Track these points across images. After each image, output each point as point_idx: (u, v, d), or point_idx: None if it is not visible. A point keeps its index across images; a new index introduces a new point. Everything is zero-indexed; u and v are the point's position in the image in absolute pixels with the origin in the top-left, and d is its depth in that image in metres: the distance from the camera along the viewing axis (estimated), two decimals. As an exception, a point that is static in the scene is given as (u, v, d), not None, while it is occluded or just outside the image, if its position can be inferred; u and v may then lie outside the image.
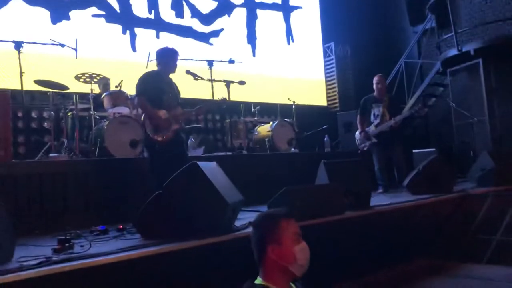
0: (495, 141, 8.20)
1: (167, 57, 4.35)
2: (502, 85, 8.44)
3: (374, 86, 6.10)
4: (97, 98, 5.65)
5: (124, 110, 5.57)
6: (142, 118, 4.26)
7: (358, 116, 6.19)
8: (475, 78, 8.65)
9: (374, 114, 6.04)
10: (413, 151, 7.26)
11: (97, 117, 5.56)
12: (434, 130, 10.05)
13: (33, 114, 6.16)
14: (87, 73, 5.79)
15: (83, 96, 5.69)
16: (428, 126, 10.18)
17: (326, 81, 9.91)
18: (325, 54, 9.94)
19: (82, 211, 4.16)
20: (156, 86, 4.22)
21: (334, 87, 9.79)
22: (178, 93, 4.46)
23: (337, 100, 9.69)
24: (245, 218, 3.50)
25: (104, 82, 5.92)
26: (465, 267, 4.17)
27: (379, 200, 4.78)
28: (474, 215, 4.85)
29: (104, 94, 5.62)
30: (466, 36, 9.07)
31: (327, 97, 9.88)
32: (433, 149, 7.35)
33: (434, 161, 5.40)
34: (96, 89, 5.83)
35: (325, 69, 9.93)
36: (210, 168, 3.27)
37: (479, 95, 8.54)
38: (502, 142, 8.14)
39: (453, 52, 8.68)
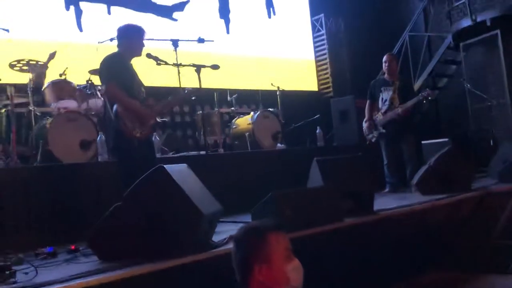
0: (518, 128, 8.34)
1: (132, 37, 4.33)
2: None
3: (383, 66, 6.19)
4: (37, 90, 5.58)
5: (71, 104, 5.52)
6: (114, 108, 4.05)
7: (367, 101, 6.30)
8: (493, 53, 8.77)
9: (382, 99, 6.13)
10: (423, 142, 7.36)
11: (38, 114, 5.49)
12: (446, 116, 10.17)
13: (-43, 112, 6.06)
14: (23, 60, 5.70)
15: (19, 88, 5.60)
16: (439, 112, 10.30)
17: (316, 62, 9.97)
18: (314, 29, 9.98)
19: (24, 229, 4.10)
20: (125, 71, 4.20)
21: (326, 68, 9.85)
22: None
23: (330, 84, 9.76)
24: (225, 231, 3.51)
25: (38, 71, 5.82)
26: (486, 279, 4.24)
27: (385, 202, 4.84)
28: (496, 217, 4.95)
29: (46, 85, 5.55)
30: (481, 3, 9.18)
31: (318, 80, 9.94)
32: (446, 139, 7.45)
33: (448, 154, 5.48)
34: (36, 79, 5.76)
35: (315, 47, 9.98)
36: (180, 172, 3.27)
37: (498, 73, 8.67)
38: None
39: (467, 22, 8.78)
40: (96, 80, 5.78)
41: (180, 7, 8.19)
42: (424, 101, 6.02)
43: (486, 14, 8.58)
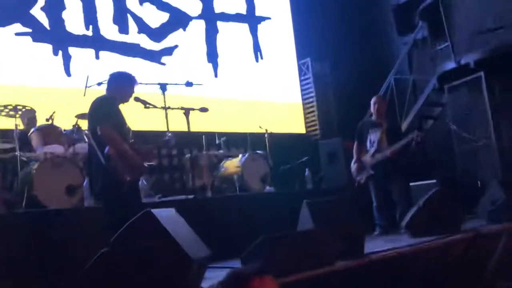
0: (505, 168, 8.39)
1: (123, 84, 4.36)
2: (509, 101, 8.68)
3: (372, 108, 6.26)
4: (23, 136, 5.54)
5: (58, 149, 5.47)
6: (106, 150, 4.00)
7: (355, 143, 6.33)
8: (478, 94, 8.89)
9: (370, 141, 6.16)
10: (411, 184, 7.37)
11: (24, 159, 5.43)
12: (432, 157, 10.23)
13: None
14: (10, 105, 5.68)
15: (5, 134, 5.57)
16: (426, 153, 10.36)
17: (304, 104, 10.05)
18: (301, 73, 10.11)
19: (8, 280, 4.00)
20: (116, 114, 4.20)
21: (313, 111, 9.92)
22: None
23: (317, 126, 9.82)
24: (214, 277, 3.43)
25: (28, 116, 5.82)
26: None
27: (375, 245, 4.79)
28: (487, 258, 4.92)
29: (32, 130, 5.52)
30: (464, 46, 9.36)
31: (306, 123, 9.99)
32: (434, 181, 7.47)
33: (436, 195, 5.47)
34: (21, 125, 5.73)
35: (302, 90, 10.08)
36: (168, 216, 3.23)
37: (483, 114, 8.77)
38: (513, 168, 8.33)
39: (451, 65, 8.92)
40: (84, 124, 5.78)
41: (168, 51, 8.29)
42: (413, 143, 6.04)
43: (470, 57, 8.72)
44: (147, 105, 4.68)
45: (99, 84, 5.18)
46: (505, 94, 8.73)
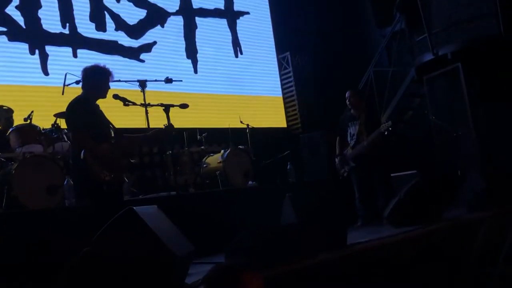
0: (484, 157, 8.49)
1: (98, 79, 4.33)
2: (487, 91, 8.78)
3: (348, 102, 6.31)
4: (1, 136, 5.48)
5: (37, 149, 5.42)
6: (82, 154, 4.07)
7: (337, 137, 6.42)
8: (456, 85, 8.98)
9: (350, 134, 6.23)
10: (392, 174, 7.42)
11: (2, 159, 5.37)
12: (412, 148, 10.32)
13: None
14: (-14, 105, 5.62)
15: (-18, 134, 5.49)
16: (406, 144, 10.45)
17: (284, 98, 10.07)
18: (281, 67, 10.13)
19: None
20: (90, 115, 4.16)
21: (294, 105, 9.96)
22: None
23: (298, 120, 9.86)
24: (198, 272, 3.43)
25: (5, 116, 5.75)
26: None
27: (358, 236, 4.83)
28: (469, 246, 4.98)
29: (10, 130, 5.46)
30: (441, 37, 9.44)
31: (287, 116, 10.02)
32: (414, 171, 7.53)
33: (417, 186, 5.52)
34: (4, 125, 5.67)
35: (282, 84, 10.11)
36: (150, 213, 3.21)
37: (461, 104, 8.87)
38: (492, 157, 8.44)
39: (428, 56, 9.00)
40: (63, 123, 5.71)
41: (147, 48, 8.24)
42: (386, 133, 6.09)
43: (447, 48, 8.80)
44: (127, 103, 4.66)
45: (78, 82, 5.14)
46: (483, 84, 8.84)
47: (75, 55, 7.43)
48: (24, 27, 7.05)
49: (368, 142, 6.01)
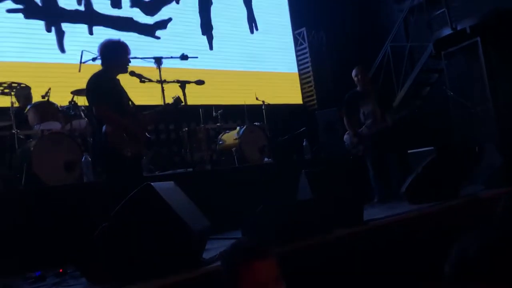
0: (502, 133, 8.41)
1: (116, 52, 4.28)
2: (506, 66, 8.66)
3: (355, 80, 6.22)
4: (19, 113, 5.52)
5: (55, 126, 5.47)
6: (103, 129, 4.03)
7: (344, 118, 6.27)
8: (474, 60, 8.87)
9: (363, 113, 6.14)
10: (408, 151, 7.37)
11: (21, 137, 5.43)
12: (430, 124, 10.22)
13: None
14: (5, 83, 5.64)
15: (1, 112, 5.54)
16: (423, 121, 10.36)
17: (300, 75, 10.01)
18: (297, 43, 10.05)
19: (9, 254, 4.02)
20: (113, 88, 4.17)
21: (310, 81, 9.90)
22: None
23: (314, 97, 9.80)
24: (215, 248, 3.47)
25: (23, 93, 5.80)
26: None
27: (374, 213, 4.82)
28: (486, 223, 4.95)
29: (28, 107, 5.50)
30: (460, 11, 9.30)
31: (303, 93, 9.97)
32: (431, 148, 7.47)
33: (434, 162, 5.48)
34: (17, 102, 5.70)
35: (298, 60, 10.04)
36: (168, 189, 3.24)
37: (479, 80, 8.77)
38: (510, 133, 8.35)
39: (447, 31, 8.88)
40: (80, 100, 5.75)
41: (162, 24, 8.21)
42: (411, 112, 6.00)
43: (466, 22, 8.69)
44: (143, 79, 4.65)
45: (94, 59, 5.13)
46: (502, 58, 8.71)
47: (91, 33, 7.44)
48: (40, 4, 7.06)
49: (393, 121, 5.91)
